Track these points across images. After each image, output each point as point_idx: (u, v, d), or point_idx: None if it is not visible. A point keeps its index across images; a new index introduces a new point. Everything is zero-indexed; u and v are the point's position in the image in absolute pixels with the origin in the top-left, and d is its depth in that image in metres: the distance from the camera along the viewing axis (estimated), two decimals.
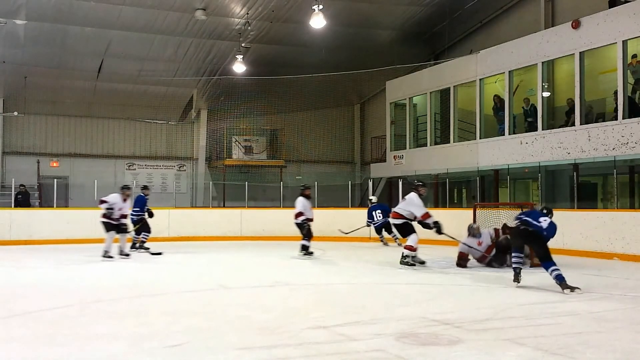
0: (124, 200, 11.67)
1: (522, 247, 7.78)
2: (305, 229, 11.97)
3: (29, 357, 4.44)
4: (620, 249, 11.23)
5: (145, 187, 13.40)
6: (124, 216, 11.72)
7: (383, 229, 14.83)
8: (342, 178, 21.09)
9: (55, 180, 17.27)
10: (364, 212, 15.43)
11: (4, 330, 5.32)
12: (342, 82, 19.90)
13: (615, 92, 12.50)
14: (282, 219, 17.27)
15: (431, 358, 4.31)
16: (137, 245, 12.84)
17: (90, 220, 16.22)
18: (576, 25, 13.20)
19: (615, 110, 12.50)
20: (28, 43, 17.00)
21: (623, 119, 12.22)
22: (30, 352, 4.54)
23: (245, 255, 12.75)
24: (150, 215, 12.98)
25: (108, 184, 19.83)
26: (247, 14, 16.50)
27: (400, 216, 10.18)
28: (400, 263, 10.02)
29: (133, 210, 12.61)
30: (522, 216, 7.84)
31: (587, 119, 13.24)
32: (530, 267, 9.54)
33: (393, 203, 18.98)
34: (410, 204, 10.09)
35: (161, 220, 16.69)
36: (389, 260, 11.46)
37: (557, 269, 7.33)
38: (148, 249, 12.68)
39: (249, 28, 16.92)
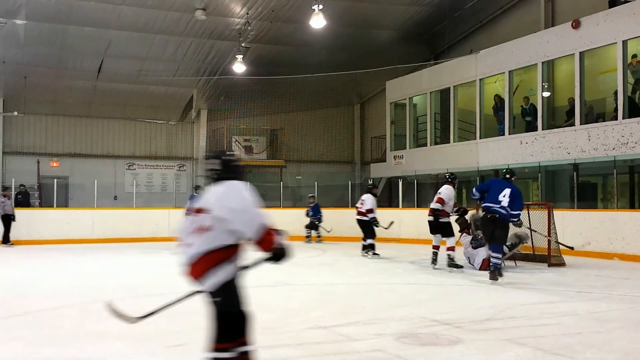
0: None
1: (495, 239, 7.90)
2: (372, 227, 11.69)
3: (29, 357, 4.44)
4: (620, 249, 11.23)
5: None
6: None
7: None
8: (342, 178, 21.09)
9: (55, 180, 17.28)
10: None
11: (4, 330, 5.32)
12: (342, 82, 19.88)
13: (615, 92, 12.49)
14: (282, 219, 17.27)
15: (431, 358, 4.31)
16: None
17: (90, 220, 16.32)
18: (576, 25, 13.19)
19: (615, 110, 12.50)
20: (28, 43, 16.97)
21: (623, 119, 12.22)
22: (30, 352, 4.54)
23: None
24: None
25: (108, 184, 19.87)
26: (247, 14, 16.48)
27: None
28: (449, 266, 9.68)
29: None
30: (482, 191, 8.13)
31: (587, 119, 13.25)
32: (549, 266, 9.68)
33: (393, 203, 19.11)
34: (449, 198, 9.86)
35: (161, 219, 16.76)
36: (388, 260, 11.46)
37: (499, 259, 7.70)
38: None
39: (249, 28, 16.89)
